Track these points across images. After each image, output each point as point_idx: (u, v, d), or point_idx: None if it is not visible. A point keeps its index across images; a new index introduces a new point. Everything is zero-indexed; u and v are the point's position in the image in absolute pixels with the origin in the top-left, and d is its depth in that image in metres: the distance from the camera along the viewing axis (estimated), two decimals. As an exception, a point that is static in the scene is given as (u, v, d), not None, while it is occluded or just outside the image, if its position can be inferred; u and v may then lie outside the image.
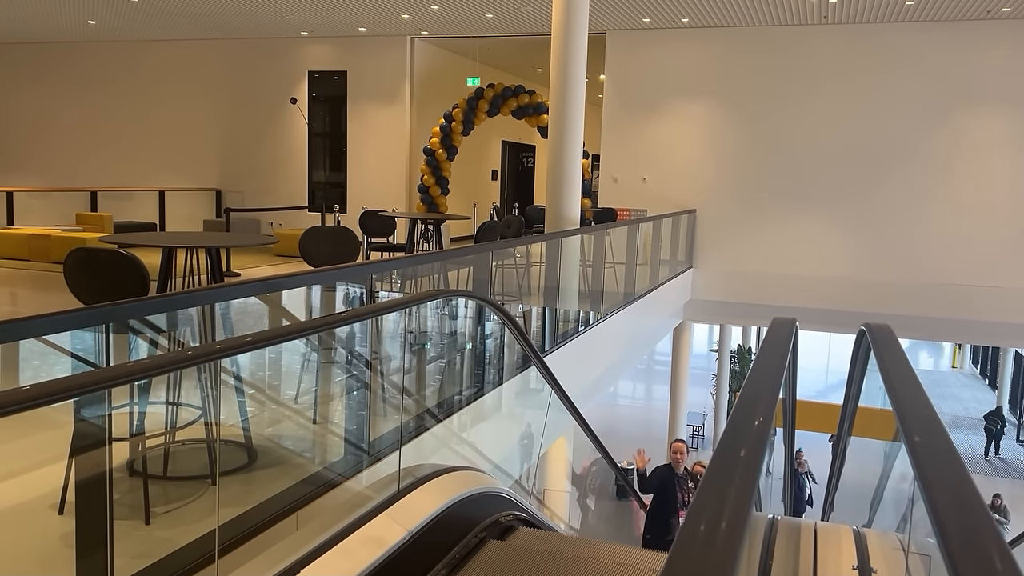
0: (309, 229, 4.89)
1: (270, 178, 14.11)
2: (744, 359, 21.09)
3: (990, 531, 1.16)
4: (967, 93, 10.77)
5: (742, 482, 1.23)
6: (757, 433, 1.46)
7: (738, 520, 1.09)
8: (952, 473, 1.40)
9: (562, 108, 7.54)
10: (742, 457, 1.33)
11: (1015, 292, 10.65)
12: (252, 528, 2.83)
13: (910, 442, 1.55)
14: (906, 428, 1.61)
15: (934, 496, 1.30)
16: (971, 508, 1.26)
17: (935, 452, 1.50)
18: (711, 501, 1.16)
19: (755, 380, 1.85)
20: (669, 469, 7.47)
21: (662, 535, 7.08)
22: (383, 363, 4.27)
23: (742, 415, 1.57)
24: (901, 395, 1.83)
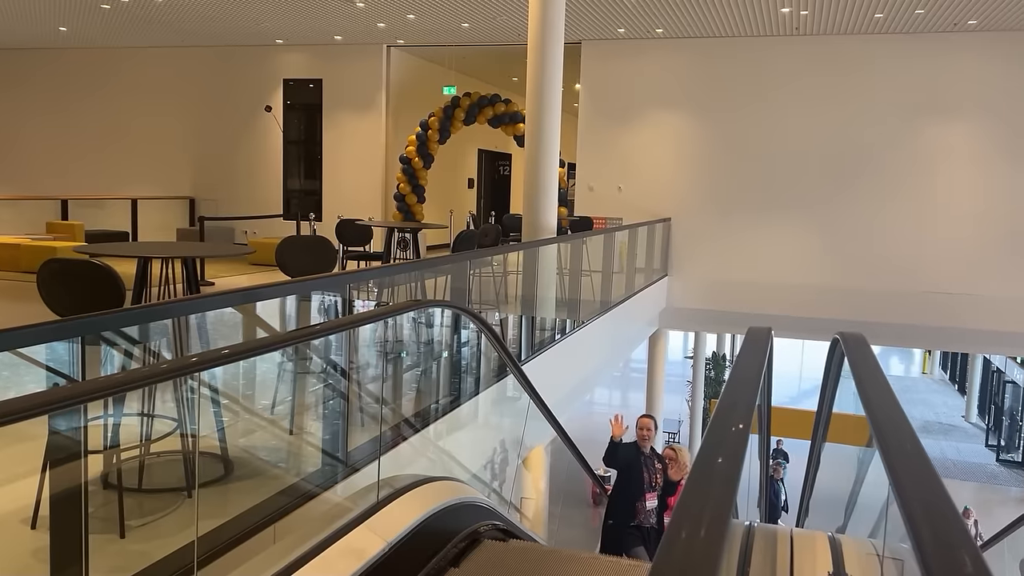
0: (286, 238, 4.87)
1: (244, 186, 14.02)
2: (718, 366, 21.24)
3: (963, 537, 1.19)
4: (936, 104, 10.97)
5: (721, 494, 1.24)
6: (735, 442, 1.48)
7: (718, 533, 1.10)
8: (925, 481, 1.43)
9: (538, 117, 7.57)
10: (720, 467, 1.35)
11: (984, 299, 10.83)
12: (229, 541, 2.80)
13: (884, 451, 1.58)
14: (880, 438, 1.64)
15: (908, 503, 1.33)
16: (943, 514, 1.28)
17: (908, 460, 1.53)
18: (692, 512, 1.17)
19: (732, 391, 1.87)
20: (636, 447, 6.84)
21: (626, 520, 6.58)
22: (360, 373, 4.25)
23: (720, 425, 1.59)
24: (875, 405, 1.87)
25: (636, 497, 6.50)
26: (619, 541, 6.40)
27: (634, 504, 6.48)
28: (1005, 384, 20.58)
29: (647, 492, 6.55)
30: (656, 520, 6.56)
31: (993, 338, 11.59)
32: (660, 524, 6.56)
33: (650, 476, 6.62)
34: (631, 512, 6.48)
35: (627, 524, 6.47)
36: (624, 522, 6.49)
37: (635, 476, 6.55)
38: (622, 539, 6.41)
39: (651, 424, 6.91)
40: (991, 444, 20.29)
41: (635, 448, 6.75)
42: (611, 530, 6.59)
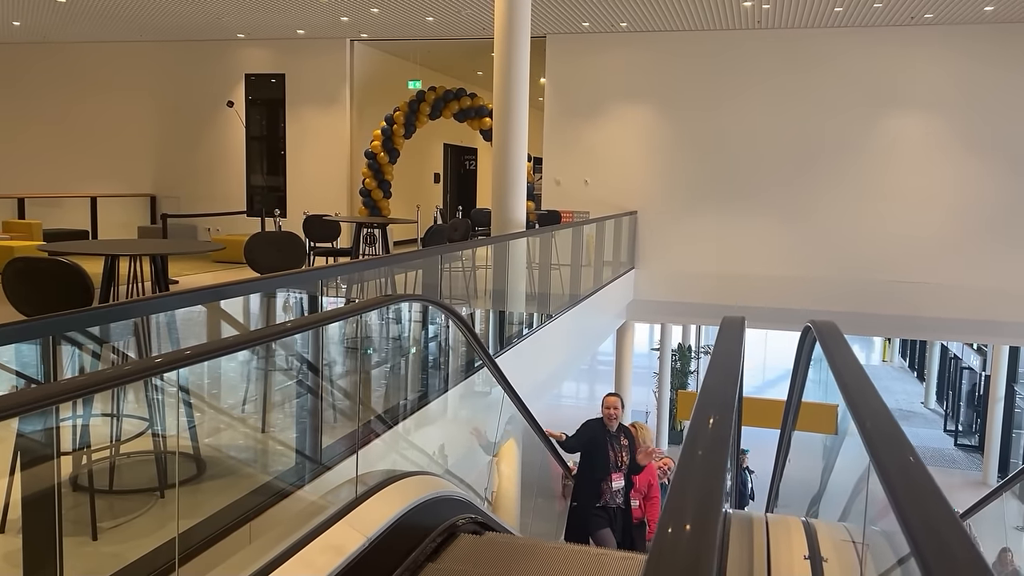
0: (254, 235, 4.81)
1: (207, 183, 13.81)
2: (684, 357, 21.42)
3: (947, 513, 1.22)
4: (895, 96, 11.17)
5: (711, 484, 1.25)
6: (719, 432, 1.50)
7: (710, 524, 1.11)
8: (905, 460, 1.46)
9: (506, 112, 7.57)
10: (709, 458, 1.36)
11: (941, 287, 11.07)
12: (205, 540, 2.77)
13: (865, 433, 1.60)
14: (859, 420, 1.67)
15: (892, 481, 1.36)
16: (927, 491, 1.31)
17: (889, 441, 1.56)
18: (684, 505, 1.17)
19: (714, 378, 1.89)
20: (601, 425, 6.51)
21: (591, 502, 6.28)
22: (331, 370, 4.22)
23: (704, 415, 1.60)
24: (852, 389, 1.90)
25: (601, 477, 6.27)
26: (584, 524, 6.24)
27: (599, 485, 6.26)
28: (962, 371, 21.05)
29: (613, 472, 6.31)
30: (623, 500, 6.37)
31: (951, 325, 11.86)
32: (627, 504, 6.40)
33: (616, 455, 6.36)
34: (596, 493, 6.27)
35: (593, 505, 6.27)
36: (589, 503, 6.28)
37: (600, 456, 6.31)
38: (587, 521, 6.24)
39: (618, 403, 6.59)
40: (949, 429, 20.75)
41: (600, 425, 6.47)
42: (576, 512, 6.38)
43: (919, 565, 1.11)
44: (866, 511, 1.85)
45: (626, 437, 6.47)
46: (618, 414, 6.48)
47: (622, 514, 6.33)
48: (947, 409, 21.79)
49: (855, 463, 4.15)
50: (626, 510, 6.36)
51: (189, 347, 2.35)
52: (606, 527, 6.19)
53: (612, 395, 6.77)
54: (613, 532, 6.20)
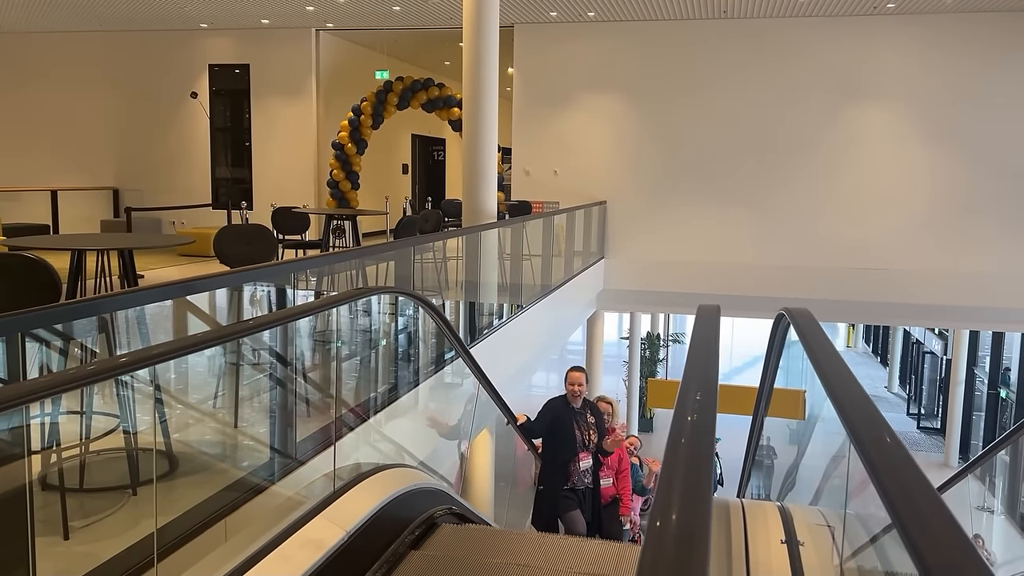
0: (224, 228, 4.74)
1: (171, 175, 13.60)
2: (653, 345, 21.59)
3: (923, 483, 1.25)
4: (857, 86, 11.32)
5: (700, 481, 1.25)
6: (705, 424, 1.50)
7: (702, 521, 1.11)
8: (884, 439, 1.48)
9: (475, 102, 7.54)
10: (695, 451, 1.36)
11: (904, 273, 11.27)
12: (181, 537, 2.74)
13: (845, 417, 1.62)
14: (839, 404, 1.69)
15: (873, 459, 1.39)
16: (905, 466, 1.34)
17: (869, 422, 1.58)
18: (673, 500, 1.18)
19: (694, 367, 1.90)
20: (564, 402, 6.07)
21: (558, 483, 5.93)
22: (304, 363, 4.19)
23: (686, 405, 1.61)
24: (831, 375, 1.92)
25: (568, 458, 5.92)
26: (552, 506, 5.97)
27: (567, 466, 5.93)
28: (924, 355, 21.47)
29: (580, 452, 5.94)
30: (591, 480, 6.08)
31: (913, 311, 12.09)
32: (596, 483, 6.13)
33: (582, 434, 5.98)
34: (564, 475, 5.95)
35: (560, 488, 5.95)
36: (557, 486, 5.96)
37: (565, 435, 5.93)
38: (556, 504, 5.97)
39: (583, 379, 6.11)
40: (912, 413, 21.17)
41: (564, 404, 6.05)
42: (543, 496, 6.05)
43: (900, 532, 1.15)
44: (847, 491, 1.88)
45: (592, 414, 6.12)
46: (583, 391, 6.05)
47: (591, 494, 6.07)
48: (910, 393, 22.22)
49: (827, 448, 4.21)
50: (595, 490, 6.11)
51: (164, 343, 2.31)
52: (575, 508, 5.94)
53: (577, 369, 6.25)
54: (582, 513, 5.99)
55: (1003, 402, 16.91)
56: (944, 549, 1.04)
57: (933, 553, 1.02)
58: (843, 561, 2.18)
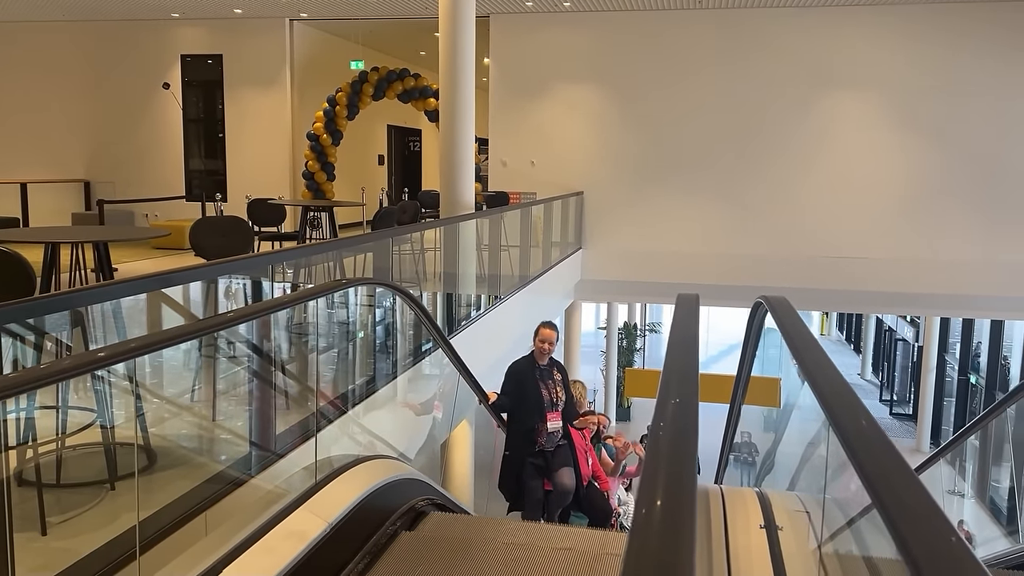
0: (199, 220, 4.70)
1: (143, 168, 13.42)
2: (630, 335, 21.71)
3: (901, 464, 1.28)
4: (831, 75, 11.41)
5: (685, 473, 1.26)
6: (687, 415, 1.51)
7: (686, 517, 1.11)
8: (862, 422, 1.51)
9: (452, 92, 7.52)
10: (679, 442, 1.37)
11: (877, 262, 11.41)
12: (161, 531, 2.73)
13: (825, 403, 1.64)
14: (819, 392, 1.71)
15: (851, 442, 1.41)
16: (882, 448, 1.37)
17: (848, 407, 1.60)
18: (658, 493, 1.18)
19: (676, 357, 1.91)
20: (530, 361, 5.63)
21: (525, 448, 5.50)
22: (283, 356, 4.17)
23: (668, 395, 1.61)
24: (809, 361, 1.94)
25: (536, 420, 5.50)
26: (519, 472, 5.57)
27: (533, 428, 5.51)
28: (897, 343, 21.78)
29: (548, 412, 5.52)
30: (563, 437, 5.66)
31: (886, 299, 12.25)
32: (569, 440, 5.70)
33: (550, 393, 5.55)
34: (531, 440, 5.52)
35: (529, 452, 5.53)
36: (524, 451, 5.54)
37: (531, 395, 5.49)
38: (520, 471, 5.58)
39: (554, 336, 5.68)
40: (884, 399, 21.49)
41: (528, 363, 5.63)
42: (509, 461, 5.65)
43: (880, 512, 1.17)
44: (825, 477, 1.91)
45: (559, 371, 5.73)
46: (552, 349, 5.64)
47: (562, 451, 5.63)
48: (883, 379, 22.53)
49: (802, 435, 4.27)
50: (565, 447, 5.68)
51: (143, 336, 2.29)
52: (539, 478, 5.56)
53: (548, 326, 5.78)
54: (551, 473, 5.56)
55: (973, 388, 17.20)
56: (926, 534, 1.06)
57: (917, 541, 1.04)
58: (821, 543, 2.22)
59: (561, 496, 5.56)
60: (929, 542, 1.05)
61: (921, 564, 0.98)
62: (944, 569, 0.97)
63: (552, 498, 5.59)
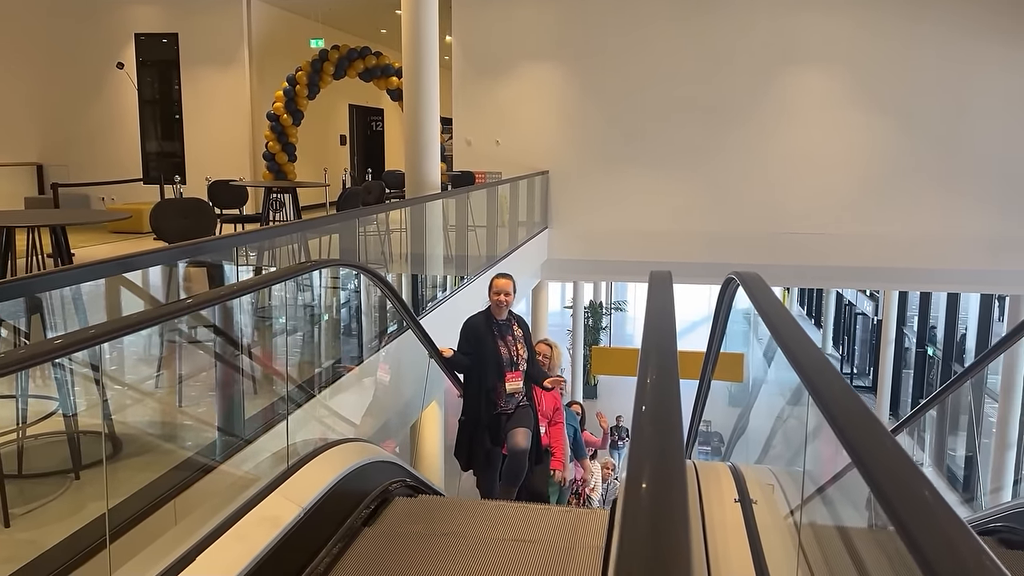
0: (160, 202, 4.59)
1: (98, 150, 13.09)
2: (596, 314, 21.82)
3: (881, 428, 1.29)
4: (795, 51, 11.46)
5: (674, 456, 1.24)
6: (670, 394, 1.50)
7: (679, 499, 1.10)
8: (842, 390, 1.52)
9: (416, 71, 7.43)
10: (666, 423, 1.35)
11: (838, 238, 11.56)
12: (130, 519, 2.67)
13: (806, 378, 1.65)
14: (799, 365, 1.71)
15: (831, 408, 1.43)
16: (862, 413, 1.38)
17: (826, 376, 1.61)
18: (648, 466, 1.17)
19: (653, 334, 1.90)
20: (486, 317, 5.20)
21: (483, 411, 5.08)
22: (250, 340, 4.10)
23: (650, 374, 1.60)
24: (785, 335, 1.94)
25: (495, 379, 5.08)
26: (478, 438, 5.17)
27: (493, 388, 5.09)
28: (856, 317, 22.16)
29: (508, 371, 5.09)
30: (526, 398, 5.24)
31: (847, 274, 12.45)
32: (531, 401, 5.29)
33: (510, 350, 5.12)
34: (491, 402, 5.10)
35: (489, 415, 5.10)
36: (481, 414, 5.11)
37: (489, 354, 5.06)
38: (472, 440, 5.17)
39: (510, 287, 5.20)
40: (845, 372, 21.88)
41: (485, 318, 5.20)
42: (466, 427, 5.22)
43: (862, 473, 1.20)
44: (805, 447, 1.92)
45: (520, 326, 5.30)
46: (509, 301, 5.19)
47: (521, 411, 5.20)
48: (843, 353, 22.94)
49: (770, 409, 4.33)
50: (526, 408, 5.25)
51: (111, 321, 2.23)
52: (495, 443, 5.16)
53: (503, 276, 5.31)
54: (506, 435, 5.14)
55: (930, 359, 17.58)
56: (906, 492, 1.08)
57: (899, 499, 1.05)
58: (798, 511, 2.24)
59: (515, 460, 5.06)
60: (908, 497, 1.07)
61: (903, 517, 1.02)
62: (922, 520, 1.00)
63: (506, 462, 5.14)
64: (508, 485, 5.15)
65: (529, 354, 5.26)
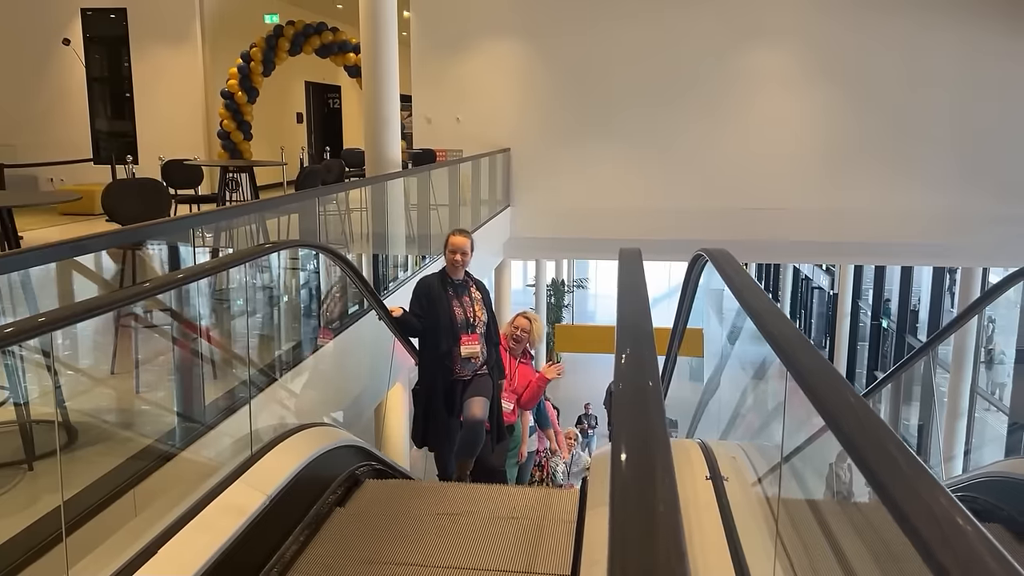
0: (113, 182, 4.44)
1: (46, 130, 12.67)
2: (558, 292, 21.89)
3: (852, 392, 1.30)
4: (753, 29, 11.50)
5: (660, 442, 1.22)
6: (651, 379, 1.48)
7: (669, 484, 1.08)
8: (819, 361, 1.51)
9: (375, 46, 7.28)
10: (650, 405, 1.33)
11: (795, 212, 11.67)
12: (88, 510, 2.59)
13: (778, 347, 1.63)
14: (773, 339, 1.70)
15: (807, 378, 1.42)
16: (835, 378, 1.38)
17: (799, 346, 1.60)
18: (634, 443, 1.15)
19: (628, 312, 1.87)
20: (441, 277, 4.84)
21: (438, 378, 4.73)
22: (209, 324, 4.00)
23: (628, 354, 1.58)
24: (759, 310, 1.93)
25: (450, 345, 4.70)
26: (424, 414, 4.83)
27: (449, 354, 4.71)
28: (813, 291, 22.53)
29: (464, 333, 4.71)
30: (486, 366, 4.86)
31: (804, 248, 12.61)
32: (494, 371, 4.93)
33: (466, 311, 4.75)
34: (446, 368, 4.73)
35: (445, 381, 4.75)
36: (436, 382, 4.75)
37: (443, 315, 4.67)
38: (427, 412, 4.82)
39: (467, 245, 4.79)
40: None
41: (440, 277, 4.83)
42: (420, 398, 4.87)
43: (835, 433, 1.23)
44: (783, 421, 1.91)
45: (478, 288, 4.93)
46: (466, 260, 4.81)
47: (480, 380, 4.83)
48: (800, 326, 23.29)
49: (735, 383, 4.35)
50: (486, 377, 4.89)
51: (66, 306, 2.13)
52: (450, 413, 4.83)
53: (460, 233, 4.90)
54: (462, 404, 4.81)
55: (884, 332, 17.96)
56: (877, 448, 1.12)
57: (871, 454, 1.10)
58: (765, 479, 2.24)
59: (470, 431, 4.69)
60: (881, 453, 1.11)
61: (875, 470, 1.06)
62: (893, 472, 1.04)
63: (461, 433, 4.80)
64: (463, 458, 4.79)
65: (489, 318, 4.91)
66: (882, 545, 1.70)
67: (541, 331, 5.81)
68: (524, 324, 5.51)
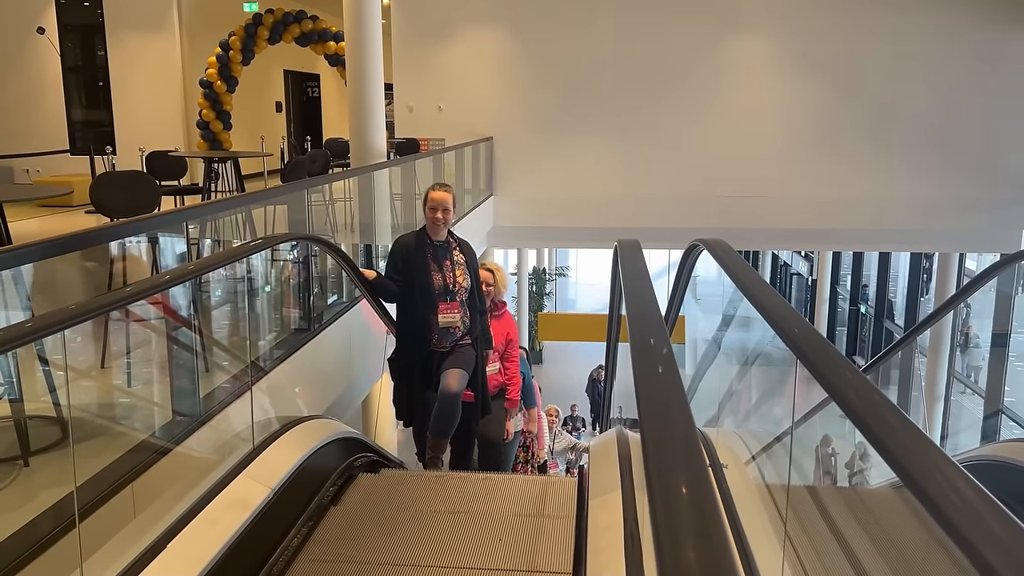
0: (102, 175, 4.40)
1: (19, 120, 12.47)
2: (540, 280, 21.93)
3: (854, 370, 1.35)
4: (731, 17, 11.53)
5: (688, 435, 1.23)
6: (666, 354, 1.50)
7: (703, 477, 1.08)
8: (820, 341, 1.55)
9: (358, 35, 7.24)
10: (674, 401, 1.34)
11: (775, 200, 11.77)
12: (88, 505, 2.59)
13: (781, 331, 1.66)
14: (778, 325, 1.73)
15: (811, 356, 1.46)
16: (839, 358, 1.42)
17: (803, 328, 1.64)
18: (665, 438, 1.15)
19: (637, 305, 1.89)
20: (419, 237, 4.38)
21: (414, 348, 4.32)
22: (200, 317, 3.99)
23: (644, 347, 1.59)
24: (763, 298, 1.95)
25: (426, 311, 4.27)
26: (400, 381, 4.47)
27: (425, 323, 4.27)
28: (792, 277, 22.73)
29: (442, 300, 4.27)
30: (473, 332, 4.45)
31: (785, 235, 12.72)
32: (479, 342, 4.51)
33: (446, 276, 4.29)
34: (423, 337, 4.29)
35: (420, 353, 4.32)
36: (413, 352, 4.33)
37: (418, 280, 4.25)
38: (405, 378, 4.43)
39: (449, 201, 4.30)
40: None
41: (418, 237, 4.37)
42: (395, 368, 4.45)
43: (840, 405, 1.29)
44: (793, 405, 1.95)
45: (462, 251, 4.45)
46: (448, 218, 4.33)
47: (459, 351, 4.40)
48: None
49: (726, 370, 4.41)
50: (468, 348, 4.46)
51: (63, 309, 2.12)
52: (428, 386, 4.41)
53: (441, 188, 4.35)
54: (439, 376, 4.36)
55: (862, 317, 18.19)
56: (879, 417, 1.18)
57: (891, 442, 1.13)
58: (759, 456, 2.29)
59: (444, 404, 4.22)
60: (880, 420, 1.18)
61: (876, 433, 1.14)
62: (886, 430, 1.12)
63: (435, 408, 4.29)
64: (436, 436, 4.27)
65: (474, 284, 4.45)
66: (877, 527, 1.75)
67: (504, 280, 5.49)
68: (487, 277, 4.91)
